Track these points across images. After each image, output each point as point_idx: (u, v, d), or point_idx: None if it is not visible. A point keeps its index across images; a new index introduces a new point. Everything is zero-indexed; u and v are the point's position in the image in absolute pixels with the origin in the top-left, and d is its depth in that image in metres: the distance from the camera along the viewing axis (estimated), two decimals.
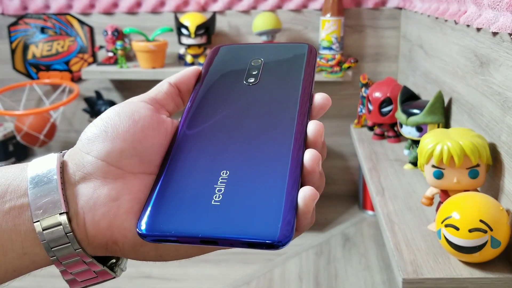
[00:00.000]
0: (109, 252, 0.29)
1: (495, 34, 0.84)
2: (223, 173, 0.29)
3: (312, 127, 0.30)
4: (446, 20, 1.13)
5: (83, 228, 0.28)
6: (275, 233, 0.25)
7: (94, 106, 1.84)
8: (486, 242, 0.69)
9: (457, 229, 0.70)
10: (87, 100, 1.85)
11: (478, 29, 0.92)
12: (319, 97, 0.32)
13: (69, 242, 0.28)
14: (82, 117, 1.91)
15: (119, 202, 0.28)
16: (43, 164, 0.29)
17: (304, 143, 0.30)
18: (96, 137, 0.29)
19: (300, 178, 0.28)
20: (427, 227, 0.87)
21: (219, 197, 0.28)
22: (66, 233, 0.27)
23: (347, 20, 1.72)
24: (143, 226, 0.27)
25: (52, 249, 0.28)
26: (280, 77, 0.34)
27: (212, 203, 0.27)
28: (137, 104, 0.31)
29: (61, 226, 0.27)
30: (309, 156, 0.28)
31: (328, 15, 1.62)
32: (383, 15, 1.72)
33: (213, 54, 0.38)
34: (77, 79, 1.87)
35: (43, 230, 0.27)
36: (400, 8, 1.70)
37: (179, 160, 0.30)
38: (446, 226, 0.72)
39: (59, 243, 0.28)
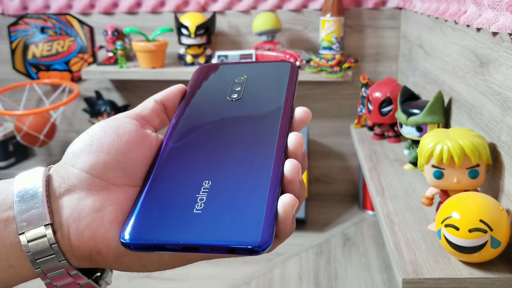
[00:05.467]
0: (93, 263, 0.29)
1: (495, 34, 0.84)
2: (205, 183, 0.29)
3: (292, 138, 0.31)
4: (446, 20, 1.13)
5: (68, 239, 0.28)
6: (255, 239, 0.26)
7: (94, 106, 1.84)
8: (486, 242, 0.69)
9: (457, 229, 0.70)
10: (87, 100, 1.85)
11: (478, 29, 0.92)
12: (300, 111, 0.33)
13: (54, 254, 0.28)
14: (82, 117, 1.91)
15: (102, 213, 0.29)
16: (29, 178, 0.30)
17: (285, 154, 0.31)
18: (81, 151, 0.30)
19: (281, 187, 0.29)
20: (427, 227, 0.87)
21: (200, 205, 0.28)
22: (50, 245, 0.28)
23: (347, 20, 1.72)
24: (126, 235, 0.28)
25: (37, 261, 0.28)
26: (263, 92, 0.36)
27: (194, 211, 0.28)
28: (122, 119, 0.32)
29: (46, 238, 0.28)
30: (290, 166, 0.29)
31: (328, 15, 1.62)
32: (383, 15, 1.72)
33: (198, 72, 0.39)
34: (77, 79, 1.87)
35: (28, 242, 0.28)
36: (400, 8, 1.70)
37: (163, 172, 0.31)
38: (446, 226, 0.72)
39: (44, 255, 0.28)
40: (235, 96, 0.35)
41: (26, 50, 1.86)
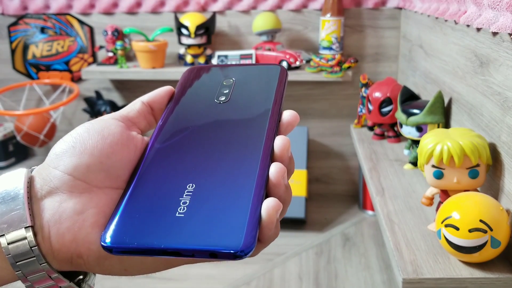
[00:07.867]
0: (74, 266, 0.29)
1: (495, 34, 0.84)
2: (189, 186, 0.29)
3: (279, 142, 0.30)
4: (446, 20, 1.13)
5: (48, 241, 0.28)
6: (238, 243, 0.26)
7: (94, 106, 1.84)
8: (486, 242, 0.69)
9: (457, 229, 0.70)
10: (87, 100, 1.85)
11: (478, 29, 0.92)
12: (288, 114, 0.33)
13: (34, 257, 0.28)
14: (82, 117, 1.91)
15: (84, 216, 0.28)
16: (11, 180, 0.29)
17: (271, 158, 0.30)
18: (64, 152, 0.30)
19: (265, 190, 0.28)
20: (427, 227, 0.87)
21: (183, 209, 0.28)
22: (31, 247, 0.27)
23: (347, 20, 1.72)
24: (107, 238, 0.27)
25: (17, 264, 0.28)
26: (251, 95, 0.35)
27: (176, 215, 0.27)
28: (107, 121, 0.32)
29: (26, 240, 0.27)
30: (275, 169, 0.29)
31: (328, 15, 1.62)
32: (383, 15, 1.72)
33: (187, 74, 0.38)
34: (77, 79, 1.87)
35: (8, 244, 0.27)
36: (400, 8, 1.70)
37: (147, 175, 0.30)
38: (446, 226, 0.72)
39: (24, 257, 0.28)
40: (223, 98, 0.35)
41: (26, 50, 1.86)
